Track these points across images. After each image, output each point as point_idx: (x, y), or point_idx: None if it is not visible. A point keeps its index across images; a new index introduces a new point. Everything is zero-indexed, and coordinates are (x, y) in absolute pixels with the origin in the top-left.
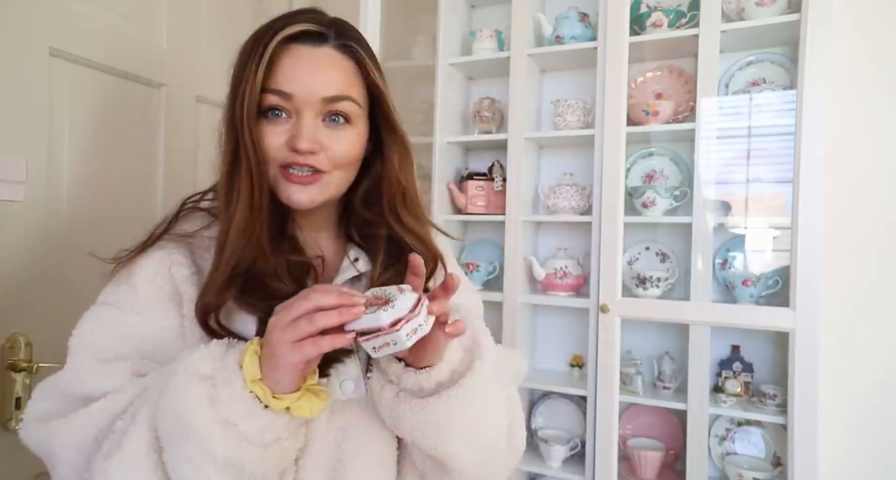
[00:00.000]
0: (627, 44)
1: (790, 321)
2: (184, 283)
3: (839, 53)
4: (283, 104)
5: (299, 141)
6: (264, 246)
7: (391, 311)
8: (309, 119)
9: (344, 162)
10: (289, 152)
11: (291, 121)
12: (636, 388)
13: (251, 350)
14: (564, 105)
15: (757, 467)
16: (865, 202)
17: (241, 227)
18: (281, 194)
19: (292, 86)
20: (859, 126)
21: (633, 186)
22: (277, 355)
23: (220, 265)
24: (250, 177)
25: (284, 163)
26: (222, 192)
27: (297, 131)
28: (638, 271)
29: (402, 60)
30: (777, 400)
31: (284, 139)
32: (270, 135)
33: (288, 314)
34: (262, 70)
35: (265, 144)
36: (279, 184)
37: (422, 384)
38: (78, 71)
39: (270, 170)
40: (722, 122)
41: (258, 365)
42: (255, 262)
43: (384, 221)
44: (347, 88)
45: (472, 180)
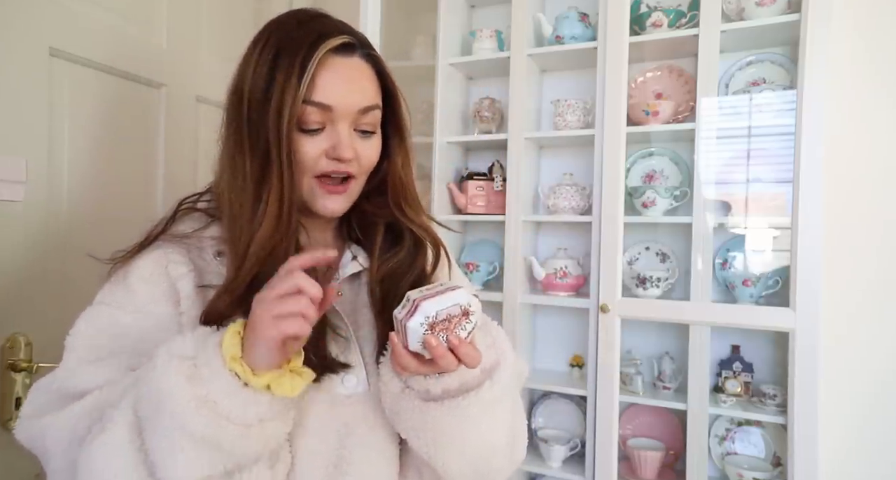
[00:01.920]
0: (627, 44)
1: (790, 321)
2: (181, 281)
3: (839, 53)
4: (321, 118)
5: (342, 150)
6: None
7: (461, 291)
8: (346, 129)
9: (369, 167)
10: (329, 161)
11: (326, 132)
12: (636, 388)
13: (233, 329)
14: (564, 105)
15: (757, 467)
16: (865, 202)
17: (266, 240)
18: (315, 204)
19: (332, 98)
20: (859, 126)
21: (633, 186)
22: (257, 330)
23: (239, 277)
24: (281, 190)
25: (323, 172)
26: (243, 205)
27: (337, 141)
28: (638, 271)
29: (402, 60)
30: (777, 400)
31: (323, 149)
32: (309, 146)
33: (273, 290)
34: (306, 84)
35: (304, 155)
36: (314, 196)
37: (429, 387)
38: (78, 71)
39: (305, 181)
40: (722, 122)
41: (239, 344)
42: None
43: (387, 213)
44: (376, 97)
45: (472, 180)
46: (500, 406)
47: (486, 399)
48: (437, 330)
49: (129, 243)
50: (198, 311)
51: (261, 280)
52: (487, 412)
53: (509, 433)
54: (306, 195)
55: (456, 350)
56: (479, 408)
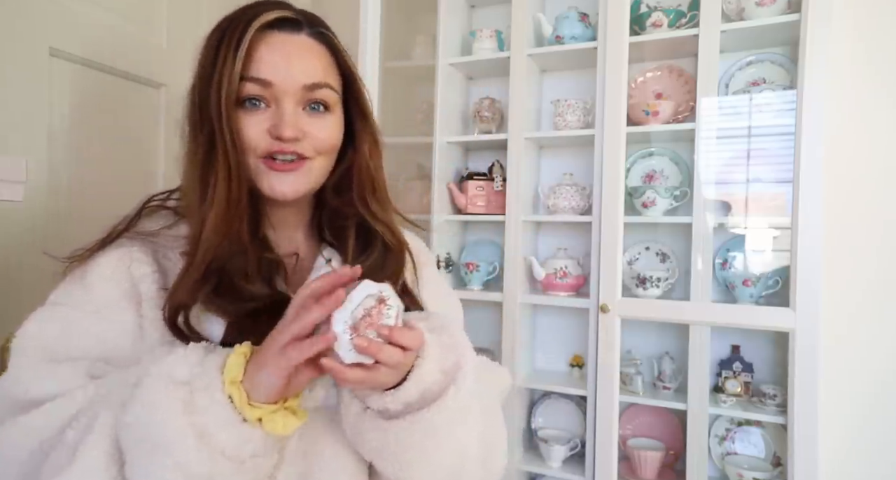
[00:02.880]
0: (627, 44)
1: (790, 321)
2: (144, 282)
3: (839, 53)
4: (262, 93)
5: (283, 128)
6: (244, 241)
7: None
8: (290, 106)
9: (326, 148)
10: (272, 140)
11: (271, 110)
12: (636, 388)
13: (240, 351)
14: (564, 105)
15: (757, 467)
16: (865, 202)
17: (218, 223)
18: (263, 185)
19: (272, 73)
20: (859, 126)
21: (633, 186)
22: (265, 358)
23: (195, 263)
24: (228, 170)
25: (267, 152)
26: (193, 188)
27: (279, 119)
28: (638, 271)
29: (403, 60)
30: (777, 400)
31: (265, 128)
32: (250, 124)
33: (286, 332)
34: (241, 58)
35: (245, 134)
36: (261, 175)
37: (387, 405)
38: (78, 71)
39: (251, 161)
40: (722, 122)
41: (242, 366)
42: (231, 260)
43: (354, 211)
44: (325, 76)
45: (472, 180)
46: (469, 414)
47: (451, 407)
48: (363, 330)
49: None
50: (158, 314)
51: (217, 266)
52: (455, 421)
53: (481, 443)
54: (254, 176)
55: (390, 339)
56: (444, 418)
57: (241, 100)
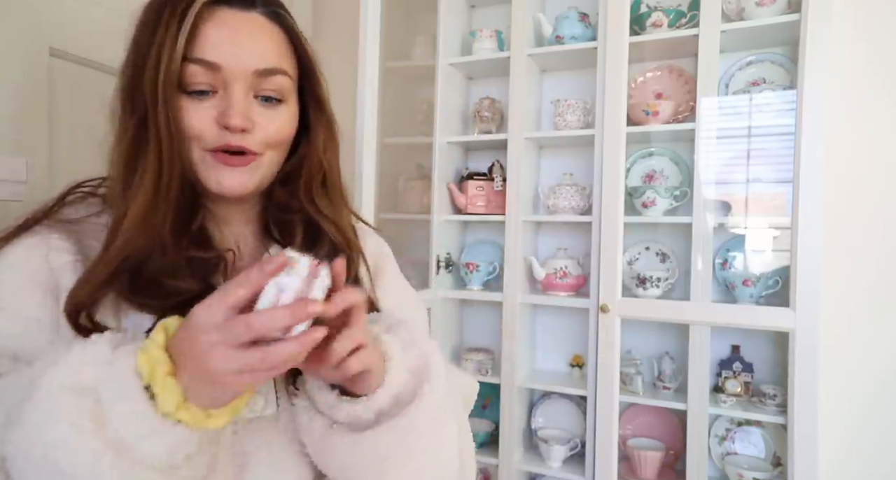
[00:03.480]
0: (627, 44)
1: (790, 321)
2: (65, 272)
3: (839, 53)
4: (208, 79)
5: (231, 116)
6: (165, 238)
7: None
8: (240, 93)
9: (276, 141)
10: (220, 131)
11: (217, 97)
12: (636, 388)
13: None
14: (564, 105)
15: (757, 467)
16: (865, 202)
17: (140, 216)
18: (210, 180)
19: (220, 55)
20: (859, 126)
21: (633, 186)
22: (216, 386)
23: (106, 257)
24: (159, 160)
25: (215, 146)
26: (118, 175)
27: (226, 106)
28: (638, 271)
29: (403, 60)
30: (777, 400)
31: (211, 116)
32: (193, 112)
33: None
34: (184, 35)
35: (188, 123)
36: (207, 169)
37: (359, 414)
38: (78, 71)
39: (194, 153)
40: (722, 122)
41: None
42: (150, 258)
43: (299, 205)
44: (280, 60)
45: (472, 180)
46: (444, 416)
47: (428, 407)
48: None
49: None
50: None
51: (134, 261)
52: (432, 424)
53: (457, 451)
54: (198, 170)
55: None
56: (421, 422)
57: (182, 84)
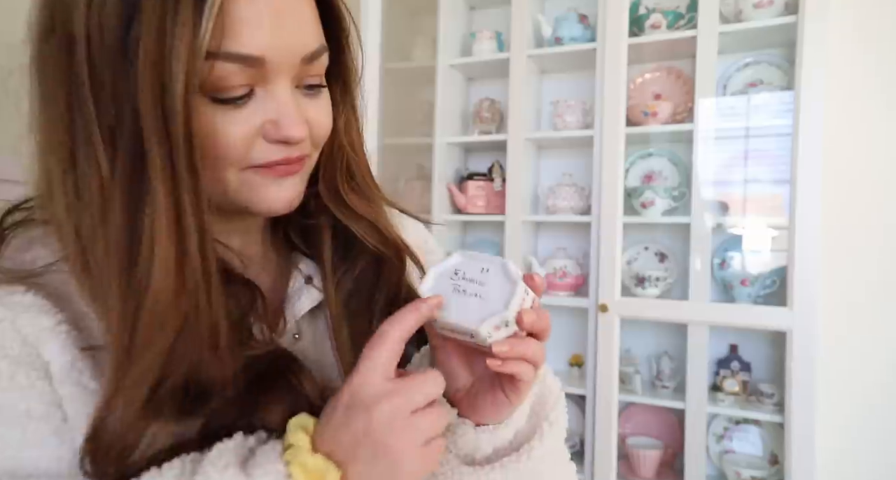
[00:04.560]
0: (626, 45)
1: (787, 320)
2: (46, 341)
3: (836, 55)
4: (248, 79)
5: (288, 127)
6: (220, 336)
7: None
8: (287, 89)
9: (326, 136)
10: (271, 146)
11: (257, 99)
12: (635, 387)
13: (310, 462)
14: (564, 106)
15: (754, 465)
16: (863, 202)
17: (167, 306)
18: (257, 202)
19: (262, 44)
20: (856, 126)
21: (632, 186)
22: (402, 471)
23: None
24: (178, 210)
25: (265, 162)
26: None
27: (278, 113)
28: (637, 271)
29: (403, 61)
30: (774, 399)
31: (256, 125)
32: (231, 125)
33: (404, 402)
34: (211, 23)
35: (224, 143)
36: (250, 189)
37: (480, 445)
38: None
39: (229, 179)
40: (720, 123)
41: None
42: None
43: (323, 206)
44: (320, 33)
45: (472, 180)
46: (565, 454)
47: (551, 447)
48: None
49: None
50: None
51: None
52: (557, 464)
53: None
54: (234, 194)
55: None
56: (548, 462)
57: (209, 89)
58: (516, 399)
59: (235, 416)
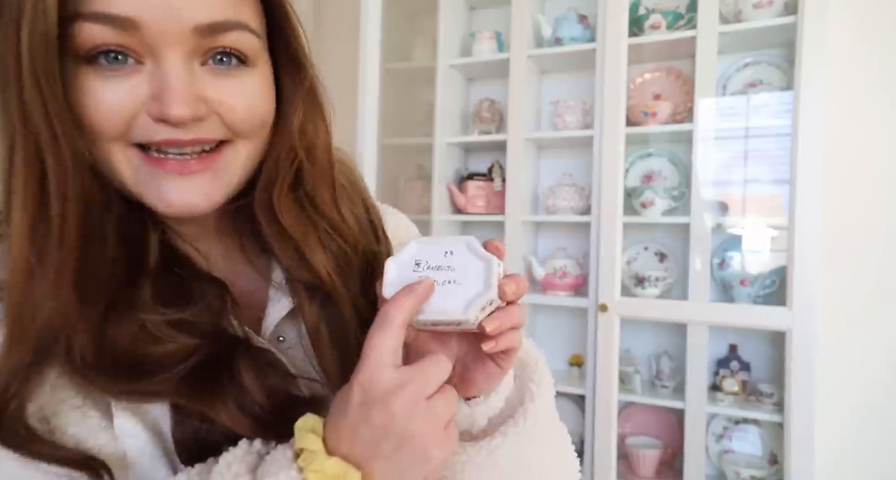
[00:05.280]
0: (626, 45)
1: (787, 320)
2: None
3: (835, 55)
4: (121, 40)
5: (169, 102)
6: (67, 304)
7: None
8: (177, 63)
9: (251, 125)
10: (154, 125)
11: (145, 70)
12: (634, 387)
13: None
14: (564, 106)
15: (754, 465)
16: (862, 202)
17: (22, 274)
18: (147, 194)
19: (135, 5)
20: (855, 126)
21: (632, 186)
22: (431, 456)
23: (5, 330)
24: (39, 174)
25: (149, 141)
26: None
27: (160, 86)
28: (636, 271)
29: (403, 62)
30: (774, 399)
31: (139, 99)
32: (107, 93)
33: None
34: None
35: (99, 111)
36: (144, 183)
37: (475, 418)
38: None
39: (115, 153)
40: (720, 123)
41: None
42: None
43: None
44: (237, 8)
45: (472, 180)
46: (554, 411)
47: (543, 406)
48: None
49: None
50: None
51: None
52: (553, 421)
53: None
54: (130, 181)
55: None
56: (545, 419)
57: (80, 50)
58: (508, 365)
59: (185, 400)
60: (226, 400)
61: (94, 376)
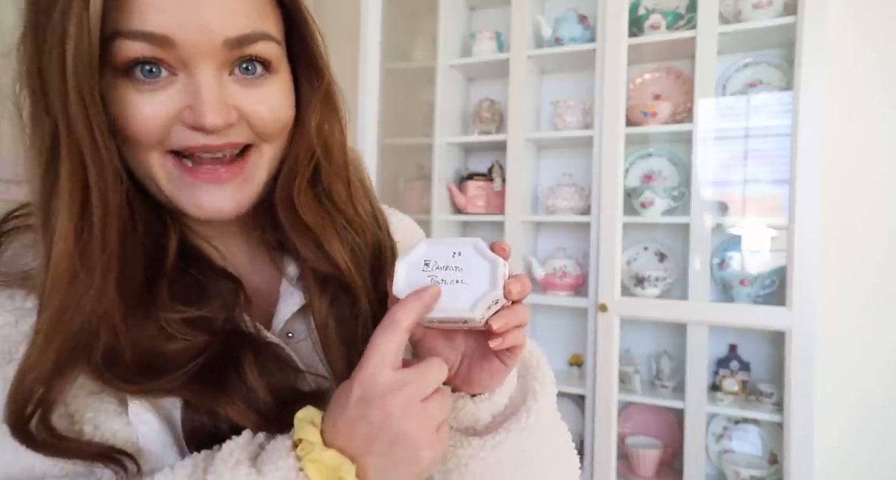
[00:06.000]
0: (626, 45)
1: (786, 320)
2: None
3: (835, 55)
4: (158, 55)
5: (204, 113)
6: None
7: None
8: (209, 75)
9: (276, 128)
10: (189, 132)
11: (179, 83)
12: (634, 387)
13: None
14: (563, 106)
15: (754, 465)
16: (862, 202)
17: (63, 271)
18: (180, 199)
19: (171, 25)
20: (855, 127)
21: (632, 186)
22: (422, 457)
23: (35, 345)
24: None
25: (184, 147)
26: (37, 203)
27: (194, 97)
28: (636, 271)
29: (403, 62)
30: (774, 399)
31: (174, 109)
32: (145, 105)
33: (414, 389)
34: (99, 2)
35: (138, 121)
36: (178, 189)
37: (479, 415)
38: None
39: (153, 161)
40: (719, 123)
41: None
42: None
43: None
44: (260, 20)
45: (472, 180)
46: (556, 410)
47: (545, 404)
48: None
49: None
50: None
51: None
52: (555, 419)
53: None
54: (165, 187)
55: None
56: (548, 416)
57: (117, 64)
58: (513, 362)
59: (194, 396)
60: (232, 396)
61: (110, 376)
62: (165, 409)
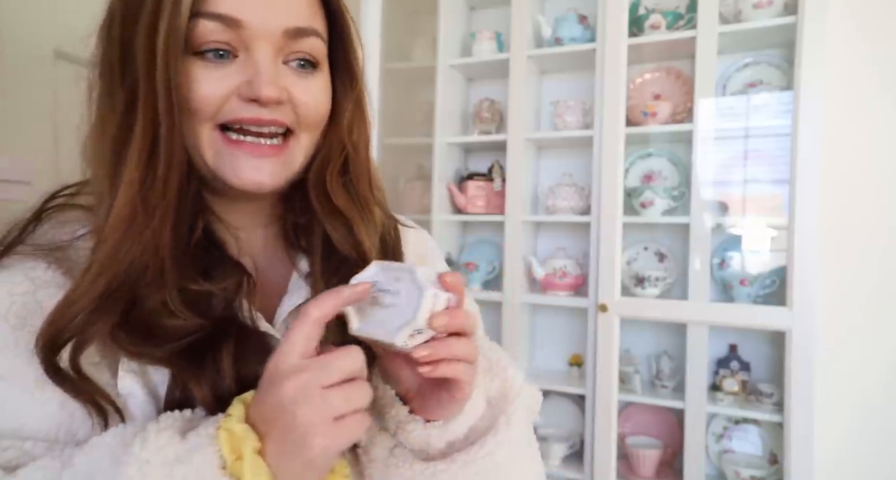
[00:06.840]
0: (626, 45)
1: (786, 320)
2: None
3: (835, 55)
4: (227, 38)
5: (261, 85)
6: (162, 252)
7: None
8: (267, 55)
9: (315, 119)
10: (244, 103)
11: (238, 63)
12: (634, 387)
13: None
14: (564, 106)
15: (754, 465)
16: (862, 202)
17: (125, 220)
18: (223, 170)
19: (242, 9)
20: (855, 127)
21: (632, 186)
22: (313, 444)
23: (86, 277)
24: (151, 141)
25: (234, 119)
26: (106, 170)
27: (253, 72)
28: (636, 271)
29: (403, 62)
30: (774, 399)
31: (232, 86)
32: (208, 79)
33: (316, 376)
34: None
35: (198, 94)
36: (219, 156)
37: (430, 440)
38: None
39: (203, 131)
40: (719, 123)
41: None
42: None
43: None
44: (313, 18)
45: (472, 180)
46: (526, 448)
47: (511, 438)
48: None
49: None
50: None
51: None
52: (514, 458)
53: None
54: (210, 159)
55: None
56: (503, 454)
57: (191, 46)
58: (461, 396)
59: (176, 371)
60: (201, 379)
61: (120, 334)
62: (153, 385)
